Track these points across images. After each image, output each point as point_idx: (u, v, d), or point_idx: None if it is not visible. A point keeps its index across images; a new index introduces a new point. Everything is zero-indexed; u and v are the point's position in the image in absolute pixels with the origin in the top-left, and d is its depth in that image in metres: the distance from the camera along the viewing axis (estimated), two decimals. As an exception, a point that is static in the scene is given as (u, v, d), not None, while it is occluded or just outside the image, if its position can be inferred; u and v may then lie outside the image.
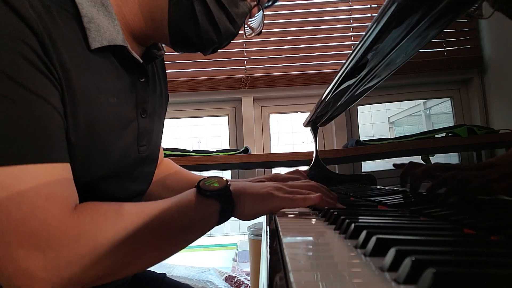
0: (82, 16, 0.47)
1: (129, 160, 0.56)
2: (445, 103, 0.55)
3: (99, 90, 0.49)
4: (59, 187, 0.41)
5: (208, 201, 0.50)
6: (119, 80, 0.53)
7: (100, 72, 0.49)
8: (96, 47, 0.48)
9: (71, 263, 0.39)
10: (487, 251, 0.29)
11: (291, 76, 1.78)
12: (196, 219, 0.49)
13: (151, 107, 0.61)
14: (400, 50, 0.53)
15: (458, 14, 0.42)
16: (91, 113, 0.47)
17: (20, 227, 0.37)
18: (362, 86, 0.73)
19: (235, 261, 1.96)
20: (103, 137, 0.50)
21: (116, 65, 0.53)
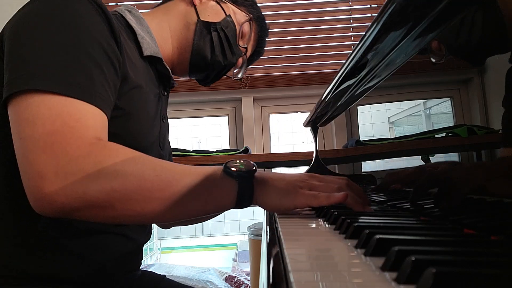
0: (137, 34, 0.69)
1: (152, 146, 0.69)
2: (445, 103, 0.55)
3: (146, 85, 0.67)
4: (91, 119, 0.49)
5: (228, 179, 0.51)
6: (154, 86, 0.72)
7: (146, 73, 0.69)
8: (146, 54, 0.69)
9: (75, 175, 0.45)
10: (487, 251, 0.29)
11: (291, 76, 1.78)
12: (209, 191, 0.50)
13: (166, 119, 0.80)
14: (400, 50, 0.53)
15: (458, 14, 0.42)
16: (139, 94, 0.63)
17: (49, 136, 0.45)
18: (362, 86, 0.73)
19: (235, 261, 1.97)
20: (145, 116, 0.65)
21: (154, 73, 0.73)
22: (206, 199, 0.50)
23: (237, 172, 0.51)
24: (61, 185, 0.44)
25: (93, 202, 0.45)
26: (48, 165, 0.44)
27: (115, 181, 0.45)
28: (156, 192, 0.47)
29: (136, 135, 0.63)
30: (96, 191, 0.45)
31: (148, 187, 0.47)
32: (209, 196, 0.50)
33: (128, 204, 0.46)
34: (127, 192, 0.46)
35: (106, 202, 0.46)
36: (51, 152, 0.45)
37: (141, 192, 0.46)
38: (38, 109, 0.46)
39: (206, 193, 0.50)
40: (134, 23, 0.70)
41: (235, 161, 0.52)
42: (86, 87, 0.50)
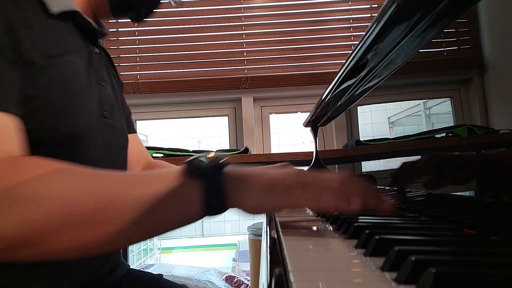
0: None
1: (95, 122, 0.57)
2: (445, 103, 0.55)
3: (65, 49, 0.53)
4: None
5: (191, 180, 0.39)
6: (77, 45, 0.58)
7: (63, 36, 0.55)
8: (56, 11, 0.53)
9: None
10: (487, 251, 0.28)
11: (291, 76, 1.78)
12: (168, 200, 0.38)
13: (108, 79, 0.66)
14: (400, 50, 0.53)
15: (458, 14, 0.42)
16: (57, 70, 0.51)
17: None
18: (362, 86, 0.73)
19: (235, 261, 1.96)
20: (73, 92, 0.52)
21: (74, 31, 0.58)
22: (165, 211, 0.38)
23: (200, 171, 0.39)
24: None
25: (14, 240, 0.34)
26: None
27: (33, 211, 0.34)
28: (89, 216, 0.35)
29: (64, 122, 0.50)
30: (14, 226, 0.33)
31: (78, 211, 0.35)
32: (168, 207, 0.38)
33: (55, 238, 0.35)
34: (54, 221, 0.34)
35: (31, 238, 0.34)
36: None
37: (68, 219, 0.35)
38: None
39: (164, 203, 0.37)
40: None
41: (197, 156, 0.41)
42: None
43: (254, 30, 1.81)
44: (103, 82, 0.63)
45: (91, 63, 0.60)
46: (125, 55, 1.80)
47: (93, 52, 0.62)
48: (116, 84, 0.73)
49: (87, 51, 0.61)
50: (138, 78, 1.77)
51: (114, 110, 0.65)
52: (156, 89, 1.75)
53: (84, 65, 0.58)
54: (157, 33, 1.81)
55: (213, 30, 1.80)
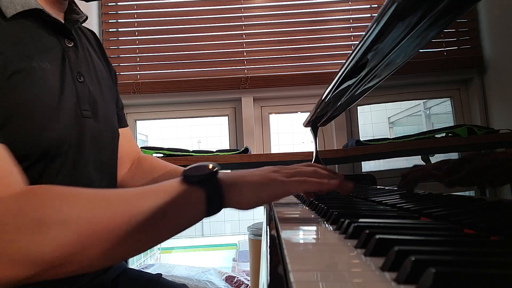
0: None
1: (73, 124, 0.55)
2: (445, 103, 0.55)
3: (27, 55, 0.50)
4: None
5: (192, 188, 0.44)
6: (46, 45, 0.54)
7: (23, 40, 0.50)
8: (12, 14, 0.49)
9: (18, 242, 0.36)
10: (487, 251, 0.28)
11: (291, 76, 1.78)
12: (175, 208, 0.43)
13: (88, 73, 0.62)
14: (400, 50, 0.53)
15: (458, 14, 0.42)
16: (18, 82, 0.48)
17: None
18: (362, 86, 0.73)
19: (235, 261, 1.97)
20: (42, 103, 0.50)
21: (38, 31, 0.54)
22: (175, 216, 0.43)
23: (199, 178, 0.44)
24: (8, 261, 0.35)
25: (51, 262, 0.37)
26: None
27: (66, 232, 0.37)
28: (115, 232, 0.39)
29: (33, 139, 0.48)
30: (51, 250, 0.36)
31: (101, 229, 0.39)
32: (178, 212, 0.43)
33: (87, 254, 0.38)
34: (81, 241, 0.38)
35: (64, 258, 0.37)
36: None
37: (96, 237, 0.38)
38: None
39: (173, 210, 0.42)
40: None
41: (192, 167, 0.46)
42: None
43: (254, 30, 1.81)
44: (81, 77, 0.59)
45: (65, 60, 0.57)
46: (125, 55, 1.80)
47: (68, 46, 0.59)
48: (104, 73, 0.69)
49: (59, 48, 0.57)
50: (138, 78, 1.77)
51: (97, 106, 0.62)
52: (156, 89, 1.75)
53: (56, 65, 0.55)
54: (157, 33, 1.81)
55: (213, 30, 1.80)
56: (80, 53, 0.62)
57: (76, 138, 0.56)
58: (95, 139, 0.60)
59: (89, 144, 0.59)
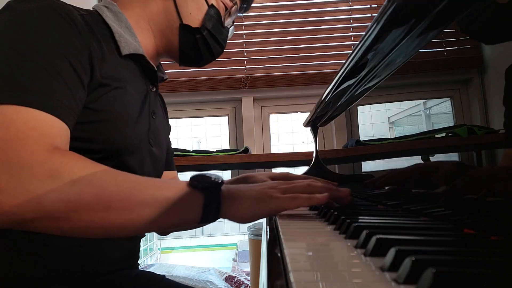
0: (114, 32, 0.66)
1: (140, 144, 0.67)
2: (445, 103, 0.55)
3: (127, 84, 0.65)
4: (48, 129, 0.47)
5: (193, 191, 0.48)
6: (139, 83, 0.70)
7: (127, 73, 0.67)
8: (125, 53, 0.67)
9: (29, 184, 0.42)
10: (487, 251, 0.29)
11: (291, 76, 1.78)
12: (173, 202, 0.47)
13: (158, 115, 0.76)
14: (400, 50, 0.53)
15: (458, 14, 0.42)
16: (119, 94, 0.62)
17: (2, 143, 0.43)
18: (362, 86, 0.73)
19: (235, 261, 1.97)
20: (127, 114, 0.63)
21: (137, 70, 0.71)
22: (169, 211, 0.47)
23: (203, 184, 0.49)
24: (14, 195, 0.41)
25: (47, 213, 0.42)
26: (2, 175, 0.42)
27: (71, 191, 0.43)
28: (115, 202, 0.44)
29: (114, 138, 0.60)
30: (50, 201, 0.42)
31: (107, 197, 0.44)
32: (173, 208, 0.47)
33: (84, 215, 0.43)
34: (83, 202, 0.43)
35: (61, 213, 0.43)
36: (4, 159, 0.42)
37: (99, 202, 0.44)
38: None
39: (170, 205, 0.47)
40: (111, 20, 0.68)
41: (200, 174, 0.51)
42: (44, 96, 0.48)
43: (254, 30, 1.81)
44: (155, 116, 0.74)
45: (146, 98, 0.72)
46: (125, 55, 1.80)
47: (151, 90, 0.74)
48: (165, 123, 0.84)
49: (145, 88, 0.72)
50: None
51: (159, 141, 0.75)
52: (156, 89, 1.75)
53: (140, 97, 0.70)
54: (157, 33, 1.81)
55: (213, 30, 1.80)
56: (156, 99, 0.78)
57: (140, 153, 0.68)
58: (150, 164, 0.72)
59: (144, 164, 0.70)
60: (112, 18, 0.68)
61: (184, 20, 0.74)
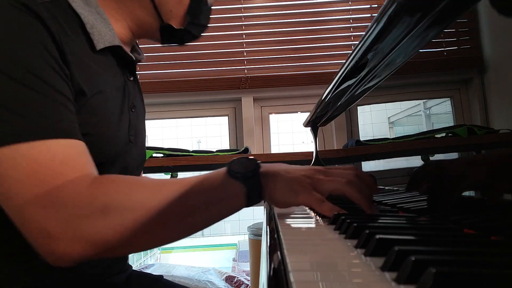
0: (85, 23, 0.57)
1: (122, 146, 0.63)
2: (445, 103, 0.55)
3: (104, 83, 0.58)
4: (73, 156, 0.46)
5: (235, 182, 0.49)
6: (116, 76, 0.63)
7: (104, 69, 0.60)
8: (100, 48, 0.58)
9: (85, 225, 0.42)
10: (487, 251, 0.29)
11: (291, 76, 1.78)
12: (220, 199, 0.48)
13: (137, 105, 0.71)
14: (400, 50, 0.53)
15: (458, 14, 0.42)
16: (99, 101, 0.56)
17: (39, 190, 0.42)
18: (362, 86, 0.73)
19: (235, 261, 1.97)
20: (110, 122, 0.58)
21: (114, 63, 0.63)
22: (218, 208, 0.48)
23: (242, 174, 0.49)
24: (73, 240, 0.41)
25: (108, 247, 0.43)
26: (52, 221, 0.41)
27: (125, 220, 0.43)
28: (168, 217, 0.46)
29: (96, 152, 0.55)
30: (109, 236, 0.43)
31: (159, 215, 0.45)
32: (221, 202, 0.48)
33: (142, 238, 0.45)
34: (140, 228, 0.44)
35: (124, 242, 0.44)
36: (51, 206, 0.42)
37: (153, 222, 0.45)
38: (18, 163, 0.42)
39: (217, 202, 0.48)
40: (79, 6, 0.58)
41: (237, 161, 0.51)
42: (55, 122, 0.46)
43: (254, 30, 1.81)
44: (134, 108, 0.68)
45: (125, 91, 0.66)
46: (125, 55, 1.79)
47: (129, 79, 0.68)
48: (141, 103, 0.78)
49: (122, 80, 0.65)
50: (138, 78, 1.77)
51: (138, 133, 0.70)
52: (156, 89, 1.75)
53: (119, 94, 0.64)
54: (157, 33, 1.80)
55: (213, 30, 1.80)
56: (135, 87, 0.71)
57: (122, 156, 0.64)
58: (132, 160, 0.68)
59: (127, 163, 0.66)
60: (80, 2, 0.58)
61: (164, 19, 0.67)
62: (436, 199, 0.50)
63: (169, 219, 0.46)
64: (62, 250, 0.41)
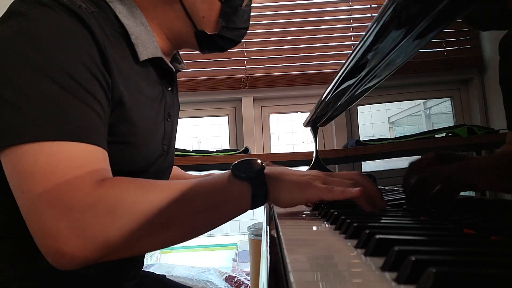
0: (130, 34, 0.58)
1: (156, 156, 0.64)
2: (445, 103, 0.55)
3: (143, 93, 0.59)
4: (92, 161, 0.46)
5: (240, 183, 0.49)
6: (155, 87, 0.64)
7: (143, 79, 0.61)
8: (143, 59, 0.59)
9: (91, 226, 0.42)
10: (487, 251, 0.29)
11: (291, 76, 1.78)
12: (225, 200, 0.49)
13: (173, 113, 0.72)
14: (400, 50, 0.53)
15: (458, 14, 0.42)
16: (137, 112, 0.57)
17: (52, 189, 0.42)
18: (362, 86, 0.73)
19: (235, 261, 1.96)
20: (147, 132, 0.59)
21: (154, 74, 0.64)
22: (224, 209, 0.49)
23: (248, 175, 0.49)
24: (80, 241, 0.42)
25: (116, 247, 0.44)
26: (59, 221, 0.42)
27: (131, 221, 0.44)
28: (175, 218, 0.46)
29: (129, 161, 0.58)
30: (116, 237, 0.43)
31: (166, 216, 0.45)
32: (227, 204, 0.49)
33: (151, 239, 0.45)
34: (147, 228, 0.44)
35: (129, 244, 0.44)
36: (60, 206, 0.42)
37: (159, 224, 0.45)
38: (35, 160, 0.43)
39: (222, 203, 0.49)
40: (124, 16, 0.58)
41: (240, 163, 0.51)
42: (81, 127, 0.46)
43: (254, 30, 1.81)
44: (169, 118, 0.69)
45: (163, 101, 0.66)
46: (125, 55, 1.79)
47: (167, 89, 0.68)
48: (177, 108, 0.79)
49: (161, 90, 0.66)
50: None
51: (171, 141, 0.71)
52: (156, 89, 1.75)
53: (156, 104, 0.64)
54: (157, 33, 1.80)
55: (213, 30, 1.80)
56: (173, 95, 0.72)
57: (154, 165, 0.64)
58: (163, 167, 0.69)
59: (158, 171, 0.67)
60: (126, 13, 0.59)
61: (198, 25, 0.66)
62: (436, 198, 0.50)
63: (174, 221, 0.46)
64: (66, 250, 0.42)
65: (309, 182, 0.50)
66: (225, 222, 0.50)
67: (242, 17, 0.69)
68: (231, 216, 0.50)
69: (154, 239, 0.46)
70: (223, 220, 0.50)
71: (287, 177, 0.51)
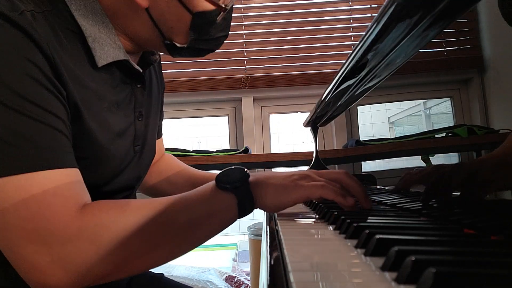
0: (87, 36, 0.51)
1: (126, 162, 0.61)
2: (445, 103, 0.55)
3: (104, 99, 0.54)
4: (65, 187, 0.44)
5: (224, 194, 0.48)
6: (120, 90, 0.58)
7: (105, 85, 0.55)
8: (103, 64, 0.53)
9: (75, 258, 0.41)
10: (487, 251, 0.29)
11: (291, 76, 1.78)
12: (210, 213, 0.48)
13: (147, 109, 0.66)
14: (400, 50, 0.53)
15: (458, 14, 0.42)
16: (98, 123, 0.52)
17: (28, 224, 0.40)
18: (362, 86, 0.73)
19: (235, 261, 1.96)
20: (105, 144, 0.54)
21: (118, 77, 0.58)
22: (210, 222, 0.48)
23: (232, 184, 0.48)
24: (63, 272, 0.41)
25: (99, 275, 0.43)
26: (41, 256, 0.40)
27: (114, 248, 0.43)
28: (159, 239, 0.45)
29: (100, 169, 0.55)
30: (101, 265, 0.42)
31: (149, 240, 0.45)
32: (212, 217, 0.48)
33: (133, 263, 0.45)
34: (130, 254, 0.44)
35: (113, 271, 0.43)
36: (39, 240, 0.40)
37: (143, 248, 0.44)
38: (5, 196, 0.40)
39: (208, 217, 0.48)
40: (81, 15, 0.51)
41: (223, 173, 0.50)
42: (45, 151, 0.43)
43: (254, 30, 1.81)
44: (141, 117, 0.64)
45: (132, 101, 0.61)
46: (125, 55, 1.79)
47: (137, 87, 0.62)
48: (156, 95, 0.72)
49: (130, 89, 0.60)
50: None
51: (146, 139, 0.67)
52: (156, 89, 1.75)
53: (123, 107, 0.59)
54: (157, 33, 1.80)
55: (213, 30, 1.80)
56: (145, 92, 0.65)
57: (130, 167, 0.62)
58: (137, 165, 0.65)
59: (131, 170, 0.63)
60: (83, 10, 0.51)
61: (166, 36, 0.58)
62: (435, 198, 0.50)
63: (159, 241, 0.45)
64: (52, 283, 0.41)
65: (295, 183, 0.50)
66: (213, 235, 0.49)
67: (219, 26, 0.61)
68: (219, 229, 0.49)
69: (141, 262, 0.45)
70: (211, 234, 0.49)
71: (272, 181, 0.50)
